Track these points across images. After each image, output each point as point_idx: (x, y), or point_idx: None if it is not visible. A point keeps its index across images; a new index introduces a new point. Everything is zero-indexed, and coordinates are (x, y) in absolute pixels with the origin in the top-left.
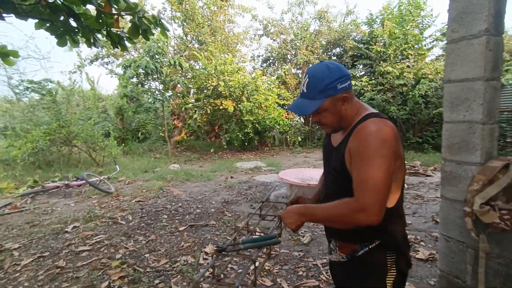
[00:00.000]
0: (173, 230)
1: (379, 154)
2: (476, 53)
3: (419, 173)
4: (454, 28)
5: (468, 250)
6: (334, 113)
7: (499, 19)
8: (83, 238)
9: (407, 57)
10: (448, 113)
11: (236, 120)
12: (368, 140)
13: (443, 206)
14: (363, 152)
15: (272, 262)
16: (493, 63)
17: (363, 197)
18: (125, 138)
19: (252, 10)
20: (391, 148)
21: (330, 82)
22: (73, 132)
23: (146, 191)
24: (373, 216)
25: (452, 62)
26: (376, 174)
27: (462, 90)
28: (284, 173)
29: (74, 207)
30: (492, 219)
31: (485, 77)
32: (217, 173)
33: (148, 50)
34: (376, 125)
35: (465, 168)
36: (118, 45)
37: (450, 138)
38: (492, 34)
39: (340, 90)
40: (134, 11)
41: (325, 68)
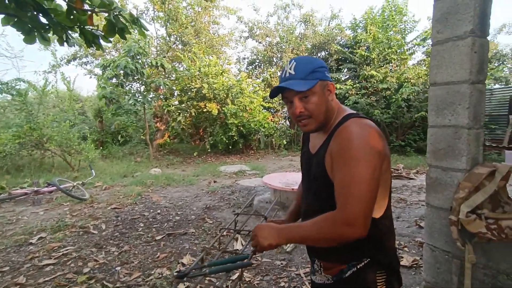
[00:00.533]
0: (149, 239)
1: (363, 156)
2: (461, 55)
3: (402, 176)
4: (439, 29)
5: (454, 260)
6: (322, 101)
7: (484, 20)
8: (48, 250)
9: (390, 62)
10: (433, 117)
11: (220, 123)
12: (351, 141)
13: (428, 214)
14: (346, 154)
15: (253, 273)
16: (478, 66)
17: (346, 207)
18: (104, 141)
19: (238, 12)
20: (376, 149)
21: (320, 65)
22: (46, 135)
23: (123, 197)
24: (360, 229)
25: (437, 64)
26: (360, 178)
27: (447, 93)
28: (268, 178)
29: (42, 216)
30: (478, 228)
31: (471, 80)
32: (200, 177)
33: (128, 50)
34: (359, 125)
35: (451, 175)
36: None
37: (435, 143)
38: (478, 36)
39: (327, 78)
40: (109, 8)
41: (309, 57)
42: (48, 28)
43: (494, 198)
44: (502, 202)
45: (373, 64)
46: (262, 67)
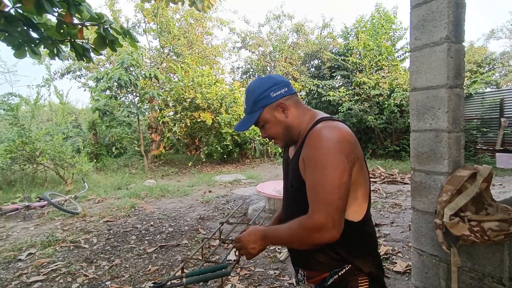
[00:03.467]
0: (141, 252)
1: (330, 160)
2: (438, 61)
3: (397, 181)
4: (417, 36)
5: (441, 264)
6: (276, 123)
7: (458, 26)
8: (37, 266)
9: (382, 68)
10: (415, 122)
11: (215, 133)
12: (318, 145)
13: (414, 219)
14: (313, 159)
15: (245, 283)
16: (455, 71)
17: (315, 212)
18: (98, 154)
19: (230, 23)
20: (344, 152)
21: (262, 91)
22: (38, 149)
23: (116, 210)
24: (330, 233)
25: (416, 70)
26: (327, 183)
27: (427, 98)
28: (262, 186)
29: (33, 231)
30: (461, 231)
31: (448, 84)
32: (195, 187)
33: (122, 62)
34: (327, 128)
35: (434, 178)
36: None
37: (418, 147)
38: (453, 42)
39: (275, 98)
40: (99, 22)
41: (257, 80)
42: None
43: (477, 200)
44: (485, 204)
45: (365, 71)
46: (256, 76)
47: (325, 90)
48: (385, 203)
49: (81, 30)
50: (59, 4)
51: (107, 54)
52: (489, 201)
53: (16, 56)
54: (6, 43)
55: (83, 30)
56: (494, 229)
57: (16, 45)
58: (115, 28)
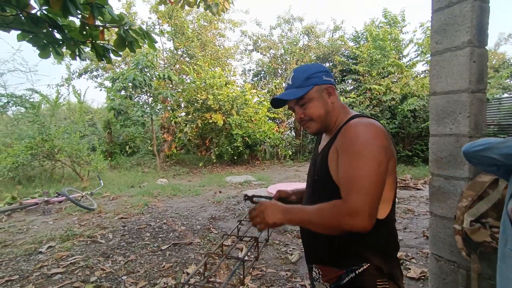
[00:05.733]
0: (155, 249)
1: (369, 151)
2: (460, 65)
3: (410, 187)
4: (438, 40)
5: (460, 270)
6: (320, 104)
7: (482, 31)
8: (57, 259)
9: (391, 73)
10: (434, 126)
11: (226, 134)
12: (356, 136)
13: (432, 224)
14: (351, 149)
15: (257, 283)
16: (477, 75)
17: (351, 198)
18: (112, 152)
19: (242, 25)
20: (382, 145)
21: (317, 71)
22: (57, 146)
23: (130, 207)
24: (362, 221)
25: (437, 74)
26: (365, 172)
27: (447, 103)
28: (273, 188)
29: (52, 225)
30: (483, 237)
31: (470, 89)
32: (205, 187)
33: (137, 63)
34: (364, 123)
35: (454, 183)
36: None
37: (437, 152)
38: (476, 46)
39: (325, 81)
40: (119, 23)
41: (308, 64)
42: (61, 43)
43: (498, 206)
44: None
45: (373, 78)
46: (267, 78)
47: None
48: (398, 208)
49: (102, 32)
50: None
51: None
52: None
53: (41, 57)
54: (32, 44)
55: (104, 31)
56: None
57: (41, 46)
58: (135, 30)
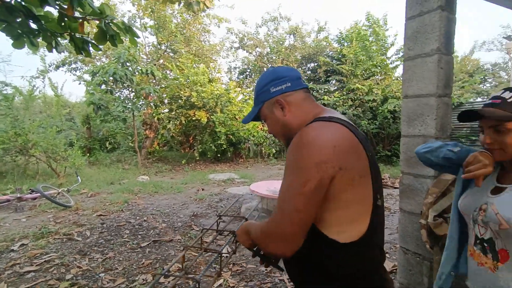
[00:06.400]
0: (134, 246)
1: (296, 166)
2: (429, 71)
3: (388, 186)
4: (410, 46)
5: (424, 262)
6: (274, 120)
7: (449, 40)
8: (30, 257)
9: (374, 75)
10: (405, 127)
11: (209, 131)
12: (294, 146)
13: (401, 219)
14: (287, 161)
15: (237, 279)
16: (444, 81)
17: (271, 219)
18: (91, 148)
19: (228, 22)
20: (318, 156)
21: (262, 86)
22: (31, 141)
23: (109, 204)
24: (278, 246)
25: (408, 79)
26: (288, 188)
27: (418, 106)
28: (256, 186)
29: (25, 223)
30: (444, 231)
31: (438, 93)
32: (188, 185)
33: (118, 57)
34: (311, 129)
35: (421, 181)
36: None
37: (407, 152)
38: (443, 53)
39: (274, 93)
40: (101, 16)
41: (264, 73)
42: (37, 34)
43: None
44: None
45: (357, 78)
46: (253, 76)
47: (320, 94)
48: None
49: (82, 24)
50: None
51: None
52: None
53: (14, 47)
54: (6, 33)
55: (84, 24)
56: None
57: (15, 36)
58: (117, 24)
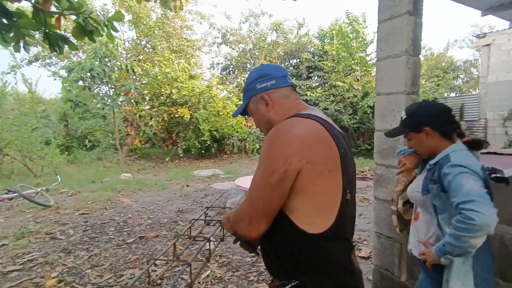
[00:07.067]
0: (120, 242)
1: (265, 158)
2: (398, 70)
3: (367, 178)
4: (382, 48)
5: (395, 244)
6: (259, 115)
7: (416, 42)
8: (12, 257)
9: (355, 71)
10: (378, 122)
11: (193, 128)
12: (265, 141)
13: (375, 206)
14: (260, 154)
15: (224, 270)
16: (412, 79)
17: (242, 204)
18: (69, 146)
19: (210, 18)
20: (285, 149)
21: (250, 82)
22: (4, 139)
23: (91, 202)
24: (243, 228)
25: (381, 77)
26: (255, 179)
27: (389, 102)
28: (241, 180)
29: (3, 223)
30: (410, 216)
31: (406, 91)
32: (172, 181)
33: (95, 53)
34: (283, 123)
35: (392, 171)
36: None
37: (380, 145)
38: (411, 55)
39: (259, 90)
40: (78, 11)
41: (252, 70)
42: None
43: None
44: None
45: (338, 75)
46: (236, 72)
47: (303, 90)
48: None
49: (58, 19)
50: None
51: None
52: None
53: None
54: None
55: (60, 19)
56: None
57: None
58: (95, 18)
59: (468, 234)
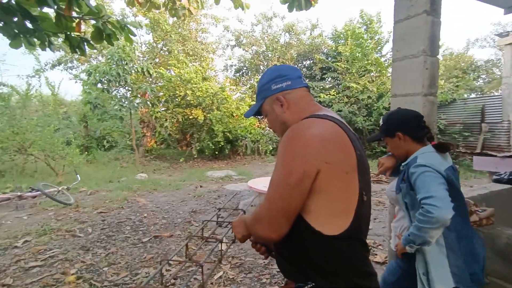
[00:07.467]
0: (136, 241)
1: (284, 158)
2: (415, 71)
3: (382, 181)
4: (398, 48)
5: None
6: (273, 116)
7: (434, 42)
8: (34, 253)
9: (370, 72)
10: None
11: (207, 129)
12: (283, 140)
13: (391, 210)
14: (278, 155)
15: (236, 271)
16: (429, 81)
17: (261, 205)
18: (89, 147)
19: (225, 21)
20: (303, 150)
21: (265, 83)
22: (29, 140)
23: (109, 201)
24: (263, 229)
25: (397, 78)
26: (274, 179)
27: (405, 104)
28: (253, 182)
29: (26, 220)
30: None
31: (423, 92)
32: (186, 182)
33: (111, 56)
34: (301, 124)
35: None
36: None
37: None
38: (428, 55)
39: (275, 90)
40: (97, 16)
41: (266, 71)
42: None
43: None
44: None
45: (352, 76)
46: (249, 74)
47: (316, 92)
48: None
49: (79, 24)
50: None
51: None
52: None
53: (12, 46)
54: (3, 33)
55: (81, 23)
56: None
57: (12, 36)
58: (113, 23)
59: (428, 226)
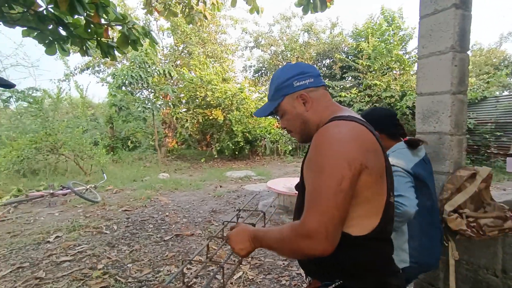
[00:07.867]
0: (158, 239)
1: (329, 164)
2: (443, 68)
3: None
4: (424, 45)
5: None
6: (294, 115)
7: (464, 37)
8: (65, 248)
9: (393, 70)
10: (420, 125)
11: (226, 130)
12: (320, 144)
13: None
14: (312, 162)
15: (256, 272)
16: (459, 78)
17: (307, 219)
18: (114, 147)
19: (243, 22)
20: (347, 154)
21: (285, 79)
22: (60, 140)
23: (133, 200)
24: (319, 244)
25: (423, 76)
26: (323, 186)
27: (432, 103)
28: (272, 182)
29: (58, 217)
30: (459, 226)
31: (452, 91)
32: (206, 182)
33: (134, 59)
34: (334, 126)
35: (437, 178)
36: (108, 54)
37: None
38: (457, 51)
39: (297, 88)
40: (123, 22)
41: (284, 67)
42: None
43: (476, 199)
44: (484, 203)
45: (375, 73)
46: (268, 74)
47: (336, 91)
48: None
49: (106, 30)
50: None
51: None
52: (488, 200)
53: (47, 53)
54: (38, 40)
55: (108, 29)
56: (489, 225)
57: (47, 43)
58: (137, 29)
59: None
